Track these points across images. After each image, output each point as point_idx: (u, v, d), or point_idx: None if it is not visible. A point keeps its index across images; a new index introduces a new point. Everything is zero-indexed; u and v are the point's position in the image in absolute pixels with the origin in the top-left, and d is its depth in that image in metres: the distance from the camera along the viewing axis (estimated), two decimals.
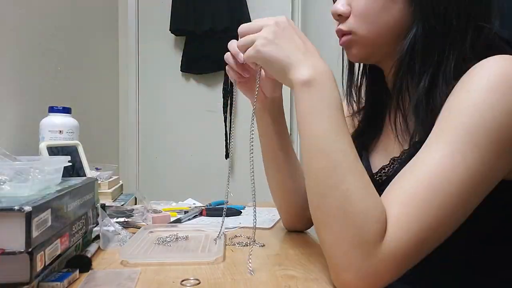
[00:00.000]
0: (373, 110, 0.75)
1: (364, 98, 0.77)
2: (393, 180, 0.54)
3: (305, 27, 2.26)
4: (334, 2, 0.68)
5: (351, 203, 0.50)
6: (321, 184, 0.52)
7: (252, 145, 0.63)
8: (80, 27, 1.57)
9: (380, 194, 0.53)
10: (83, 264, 0.62)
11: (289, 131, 0.79)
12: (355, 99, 0.75)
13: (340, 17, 0.63)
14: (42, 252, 0.51)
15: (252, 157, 0.65)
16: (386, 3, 0.59)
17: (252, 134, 0.63)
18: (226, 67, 0.69)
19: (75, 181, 0.71)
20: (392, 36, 0.61)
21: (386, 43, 0.62)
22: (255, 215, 0.65)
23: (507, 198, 0.56)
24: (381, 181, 0.66)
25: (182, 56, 2.20)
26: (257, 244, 0.76)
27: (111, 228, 0.78)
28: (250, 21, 2.20)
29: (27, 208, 0.47)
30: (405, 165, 0.54)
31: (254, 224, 0.65)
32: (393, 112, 0.65)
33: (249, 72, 0.68)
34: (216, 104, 2.23)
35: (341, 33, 0.64)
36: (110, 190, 1.06)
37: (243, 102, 2.26)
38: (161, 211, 0.97)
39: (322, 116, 0.53)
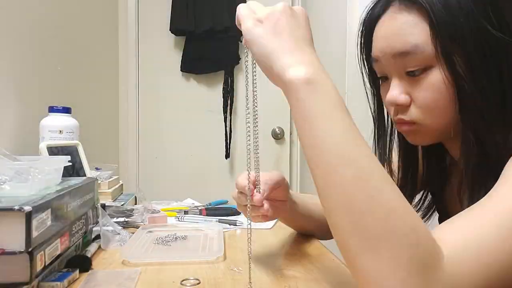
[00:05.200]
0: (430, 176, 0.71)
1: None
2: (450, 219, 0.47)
3: None
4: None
5: (397, 218, 0.40)
6: (354, 201, 0.40)
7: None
8: (80, 27, 1.56)
9: None
10: (83, 264, 0.62)
11: (289, 131, 0.79)
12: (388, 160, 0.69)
13: (399, 106, 0.58)
14: (42, 252, 0.51)
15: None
16: (451, 96, 0.53)
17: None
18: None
19: (75, 181, 0.71)
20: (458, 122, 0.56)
21: (453, 128, 0.56)
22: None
23: None
24: None
25: (182, 56, 2.20)
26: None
27: (111, 228, 0.79)
28: None
29: (27, 208, 0.47)
30: None
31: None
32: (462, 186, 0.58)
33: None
34: (216, 104, 2.23)
35: (402, 122, 0.59)
36: (110, 190, 1.06)
37: (243, 102, 2.26)
38: (159, 211, 0.97)
39: (334, 118, 0.43)
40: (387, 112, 0.66)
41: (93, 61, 1.75)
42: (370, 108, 0.68)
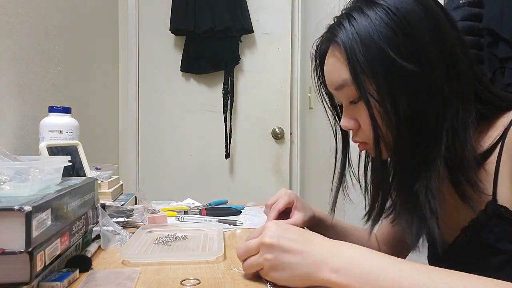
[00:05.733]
0: None
1: None
2: None
3: (305, 27, 2.26)
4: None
5: None
6: None
7: None
8: (80, 27, 1.57)
9: (459, 263, 0.52)
10: (83, 264, 0.62)
11: (289, 131, 0.80)
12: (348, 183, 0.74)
13: (351, 130, 0.66)
14: (42, 252, 0.51)
15: None
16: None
17: None
18: None
19: (75, 181, 0.71)
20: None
21: None
22: None
23: None
24: (457, 250, 0.66)
25: (182, 56, 2.20)
26: None
27: (111, 228, 0.79)
28: (250, 21, 2.18)
29: (27, 208, 0.47)
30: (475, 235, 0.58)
31: None
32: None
33: None
34: (216, 104, 2.23)
35: (357, 142, 0.67)
36: (110, 190, 1.06)
37: (243, 102, 2.26)
38: (159, 211, 0.97)
39: (376, 276, 0.47)
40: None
41: (93, 61, 1.75)
42: (333, 132, 0.74)
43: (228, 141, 2.22)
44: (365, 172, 0.73)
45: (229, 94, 2.22)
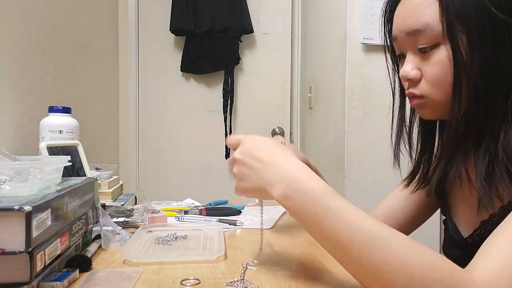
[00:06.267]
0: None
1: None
2: (482, 245, 0.50)
3: (305, 27, 2.26)
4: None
5: (413, 264, 0.46)
6: (370, 264, 0.48)
7: None
8: (80, 27, 1.56)
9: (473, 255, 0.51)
10: (83, 264, 0.62)
11: (289, 131, 0.77)
12: (406, 141, 0.70)
13: (410, 81, 0.62)
14: (42, 252, 0.51)
15: None
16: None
17: None
18: None
19: (75, 181, 0.71)
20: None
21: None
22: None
23: None
24: (474, 243, 0.63)
25: (182, 56, 2.20)
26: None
27: (111, 228, 0.79)
28: (250, 21, 2.17)
29: (27, 208, 0.47)
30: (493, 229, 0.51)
31: None
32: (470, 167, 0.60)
33: None
34: (216, 104, 2.23)
35: (412, 95, 0.63)
36: (110, 190, 1.06)
37: (243, 102, 2.26)
38: (159, 211, 0.97)
39: (322, 217, 0.51)
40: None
41: (93, 61, 1.75)
42: (390, 84, 0.71)
43: None
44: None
45: (229, 94, 2.22)
